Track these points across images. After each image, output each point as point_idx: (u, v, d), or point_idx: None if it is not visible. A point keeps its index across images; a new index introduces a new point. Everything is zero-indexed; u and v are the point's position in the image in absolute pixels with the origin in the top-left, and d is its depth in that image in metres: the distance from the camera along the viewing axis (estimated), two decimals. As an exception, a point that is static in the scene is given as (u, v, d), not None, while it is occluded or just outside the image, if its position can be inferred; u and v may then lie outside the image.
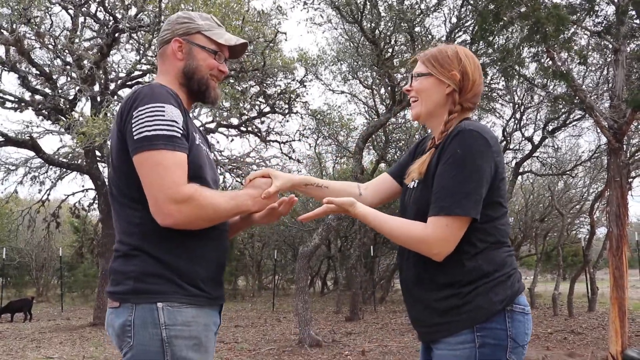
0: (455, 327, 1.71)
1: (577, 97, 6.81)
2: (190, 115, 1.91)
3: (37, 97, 11.76)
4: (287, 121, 12.41)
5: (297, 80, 11.68)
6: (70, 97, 11.70)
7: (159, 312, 1.66)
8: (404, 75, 10.06)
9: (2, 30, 10.16)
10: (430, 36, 9.90)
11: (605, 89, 8.71)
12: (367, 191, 2.13)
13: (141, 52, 11.17)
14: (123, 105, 1.72)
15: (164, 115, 1.66)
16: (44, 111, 11.82)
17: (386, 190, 2.12)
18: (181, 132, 1.69)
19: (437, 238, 1.68)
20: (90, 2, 11.07)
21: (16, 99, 12.24)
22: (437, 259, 1.71)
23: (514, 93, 11.58)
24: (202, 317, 1.74)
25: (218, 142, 12.92)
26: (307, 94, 12.06)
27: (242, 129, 12.53)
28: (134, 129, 1.65)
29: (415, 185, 1.87)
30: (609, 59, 8.04)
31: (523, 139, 13.26)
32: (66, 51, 11.13)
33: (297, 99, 11.86)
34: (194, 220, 1.68)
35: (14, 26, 9.62)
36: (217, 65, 1.91)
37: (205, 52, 1.89)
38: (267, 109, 12.09)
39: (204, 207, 1.68)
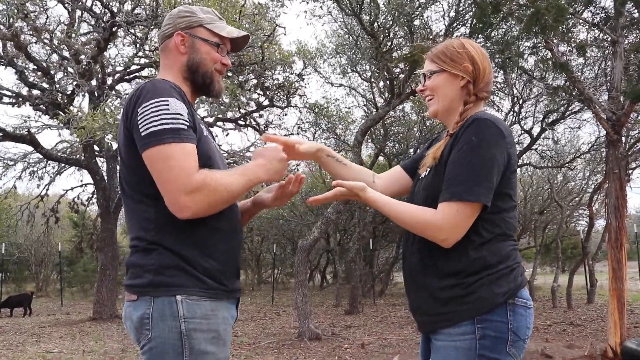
0: (457, 318, 1.71)
1: (575, 89, 6.80)
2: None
3: (35, 92, 11.73)
4: (286, 114, 12.39)
5: (295, 73, 11.64)
6: (68, 92, 11.67)
7: (178, 304, 1.66)
8: (402, 68, 10.04)
9: (-1, 25, 10.12)
10: (429, 29, 9.87)
11: (603, 81, 8.70)
12: (380, 181, 2.14)
13: (138, 45, 11.12)
14: (127, 102, 1.72)
15: (168, 109, 1.66)
16: (41, 106, 11.78)
17: (399, 182, 2.13)
18: (187, 124, 1.69)
19: (447, 224, 1.68)
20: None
21: (14, 94, 12.20)
22: (445, 245, 1.71)
23: (513, 86, 11.56)
24: (221, 310, 1.75)
25: (217, 135, 12.84)
26: (305, 86, 11.97)
27: (241, 122, 12.51)
28: (140, 126, 1.65)
29: (426, 174, 1.88)
30: (607, 51, 8.02)
31: (522, 131, 13.25)
32: (63, 46, 11.09)
33: (295, 93, 11.83)
34: (209, 207, 1.68)
35: (11, 21, 9.57)
36: (220, 58, 1.92)
37: (208, 45, 1.89)
38: (266, 103, 12.06)
39: (218, 191, 1.68)
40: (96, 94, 11.18)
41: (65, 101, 11.35)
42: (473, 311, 1.69)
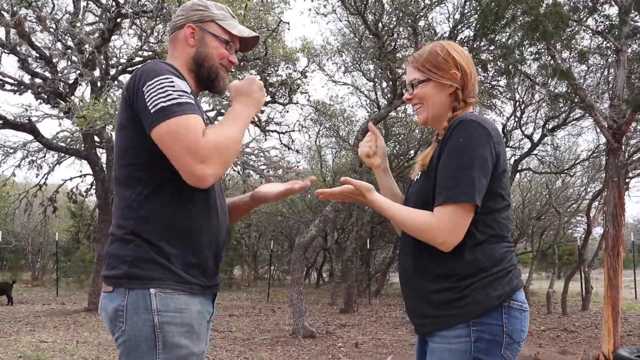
0: (451, 321, 1.71)
1: (577, 96, 6.80)
2: None
3: (37, 80, 11.70)
4: (287, 112, 12.38)
5: (298, 70, 11.63)
6: (71, 82, 11.64)
7: (151, 297, 1.66)
8: (404, 69, 10.03)
9: (2, 13, 10.10)
10: (432, 31, 9.87)
11: (605, 89, 8.70)
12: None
13: (143, 38, 11.10)
14: (129, 83, 1.73)
15: (173, 86, 1.67)
16: (43, 95, 11.76)
17: None
18: (193, 100, 1.70)
19: (443, 227, 1.68)
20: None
21: (15, 82, 12.17)
22: (444, 248, 1.71)
23: (515, 91, 11.56)
24: (196, 305, 1.74)
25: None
26: (308, 84, 11.94)
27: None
28: (148, 103, 1.64)
29: (418, 178, 1.88)
30: (610, 60, 8.02)
31: (523, 136, 13.26)
32: (67, 35, 11.06)
33: (297, 89, 11.82)
34: (225, 165, 1.70)
35: (15, 9, 9.55)
36: (227, 55, 1.92)
37: (218, 41, 1.90)
38: (268, 99, 12.05)
39: (227, 147, 1.68)
40: (98, 84, 11.16)
41: (67, 91, 11.34)
42: (468, 314, 1.69)
